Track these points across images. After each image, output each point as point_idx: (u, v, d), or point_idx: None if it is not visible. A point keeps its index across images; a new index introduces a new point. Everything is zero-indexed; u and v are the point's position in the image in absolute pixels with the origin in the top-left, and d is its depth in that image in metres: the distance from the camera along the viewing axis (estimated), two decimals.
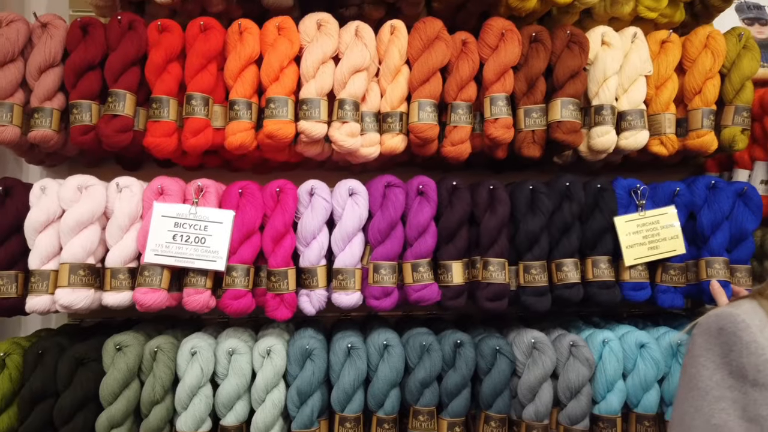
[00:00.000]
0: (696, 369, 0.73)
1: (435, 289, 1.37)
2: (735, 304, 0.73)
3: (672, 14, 1.57)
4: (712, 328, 0.72)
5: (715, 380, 0.70)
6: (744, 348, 0.69)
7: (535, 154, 1.42)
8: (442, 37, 1.40)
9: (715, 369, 0.71)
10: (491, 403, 1.37)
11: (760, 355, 0.67)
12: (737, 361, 0.69)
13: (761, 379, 0.67)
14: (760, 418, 0.66)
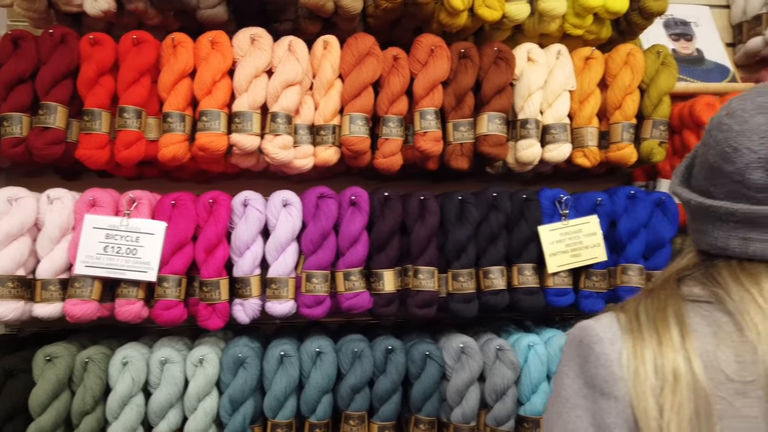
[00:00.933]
0: (560, 378, 0.77)
1: (366, 297, 1.41)
2: (597, 318, 0.77)
3: (598, 31, 1.64)
4: (575, 340, 0.77)
5: (574, 389, 0.75)
6: (596, 360, 0.73)
7: (463, 166, 1.47)
8: (374, 52, 1.45)
9: (575, 378, 0.75)
10: (421, 407, 1.42)
11: (607, 367, 0.71)
12: (590, 372, 0.73)
13: (607, 389, 0.71)
14: (605, 425, 0.70)
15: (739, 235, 0.73)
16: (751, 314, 0.68)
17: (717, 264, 0.76)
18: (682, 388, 0.67)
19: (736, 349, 0.69)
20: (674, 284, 0.78)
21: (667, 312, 0.73)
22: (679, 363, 0.68)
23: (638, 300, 0.78)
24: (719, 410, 0.67)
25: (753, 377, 0.67)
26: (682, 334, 0.70)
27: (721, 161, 0.74)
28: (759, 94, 0.74)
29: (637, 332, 0.72)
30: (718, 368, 0.68)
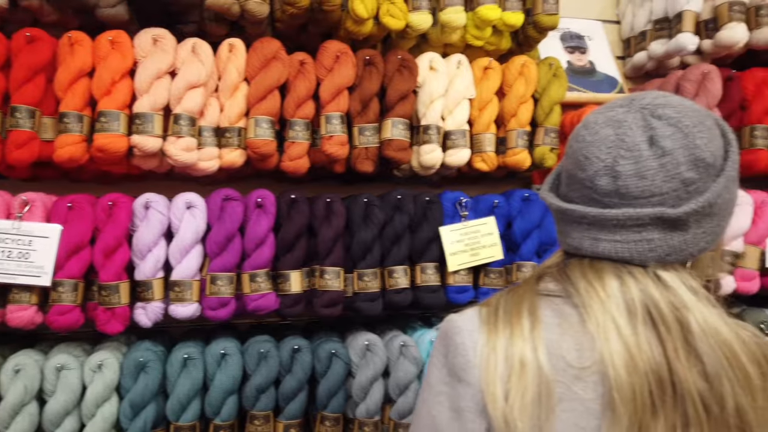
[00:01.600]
0: (429, 367, 0.84)
1: (272, 298, 1.43)
2: (463, 311, 0.84)
3: (498, 42, 1.73)
4: (442, 332, 0.83)
5: (439, 377, 0.81)
6: (455, 349, 0.78)
7: (368, 169, 1.52)
8: (280, 56, 1.47)
9: (440, 367, 0.81)
10: (327, 404, 1.45)
11: (464, 356, 0.77)
12: (451, 360, 0.79)
13: (463, 376, 0.76)
14: (460, 409, 0.77)
15: (590, 235, 0.80)
16: (594, 307, 0.76)
17: (571, 262, 0.83)
18: (528, 374, 0.73)
19: (577, 338, 0.76)
20: (534, 281, 0.85)
21: (523, 306, 0.80)
22: (526, 352, 0.75)
23: (501, 295, 0.85)
24: (559, 393, 0.73)
25: (589, 363, 0.74)
26: (532, 326, 0.77)
27: (576, 169, 0.81)
28: (609, 109, 0.81)
29: (493, 324, 0.79)
30: (561, 356, 0.75)
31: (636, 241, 0.78)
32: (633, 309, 0.75)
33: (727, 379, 0.72)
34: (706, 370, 0.72)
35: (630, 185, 0.76)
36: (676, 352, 0.72)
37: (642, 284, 0.77)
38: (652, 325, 0.75)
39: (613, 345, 0.73)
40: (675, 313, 0.74)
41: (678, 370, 0.71)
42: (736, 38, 1.75)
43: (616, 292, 0.77)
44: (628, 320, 0.75)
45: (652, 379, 0.72)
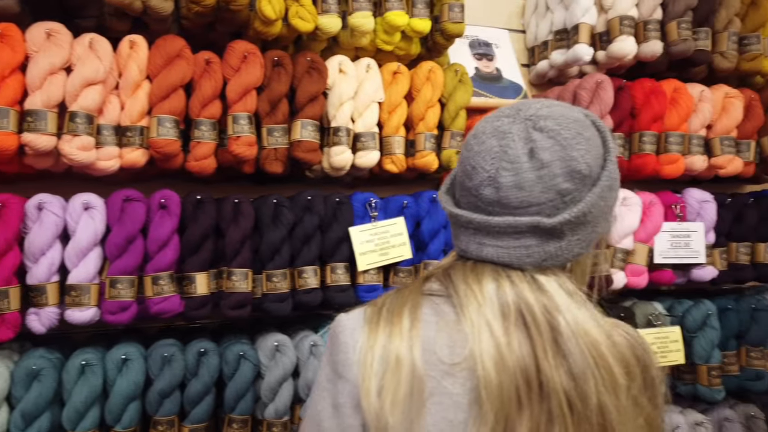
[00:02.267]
0: (321, 366, 0.87)
1: (176, 301, 1.41)
2: (350, 312, 0.87)
3: (408, 48, 1.78)
4: (331, 332, 0.86)
5: (326, 374, 0.84)
6: (338, 347, 0.82)
7: (277, 170, 1.52)
8: (184, 55, 1.45)
9: (327, 365, 0.84)
10: (235, 406, 1.44)
11: (345, 353, 0.81)
12: (334, 358, 0.83)
13: (343, 372, 0.80)
14: (339, 404, 0.80)
15: (476, 240, 0.84)
16: (469, 308, 0.80)
17: (456, 264, 0.88)
18: (402, 371, 0.76)
19: (452, 336, 0.80)
20: (421, 282, 0.89)
21: (405, 305, 0.83)
22: (402, 349, 0.78)
23: (388, 295, 0.88)
24: (430, 388, 0.77)
25: (459, 359, 0.78)
26: (412, 324, 0.80)
27: (464, 177, 0.85)
28: (497, 118, 0.84)
29: (375, 323, 0.82)
30: (434, 351, 0.79)
31: (515, 247, 0.82)
32: (507, 311, 0.79)
33: (592, 378, 0.76)
34: (572, 369, 0.76)
35: (510, 196, 0.80)
36: (545, 352, 0.76)
37: (518, 288, 0.81)
38: (524, 326, 0.78)
39: (485, 344, 0.77)
40: (546, 315, 0.78)
41: (545, 369, 0.76)
42: (626, 50, 1.88)
43: (492, 295, 0.80)
44: (501, 321, 0.78)
45: (519, 377, 0.76)
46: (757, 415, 1.93)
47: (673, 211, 1.94)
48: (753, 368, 1.98)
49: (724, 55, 2.01)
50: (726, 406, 1.96)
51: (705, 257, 1.93)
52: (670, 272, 1.94)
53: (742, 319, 1.98)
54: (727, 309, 1.97)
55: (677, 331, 1.88)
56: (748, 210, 2.04)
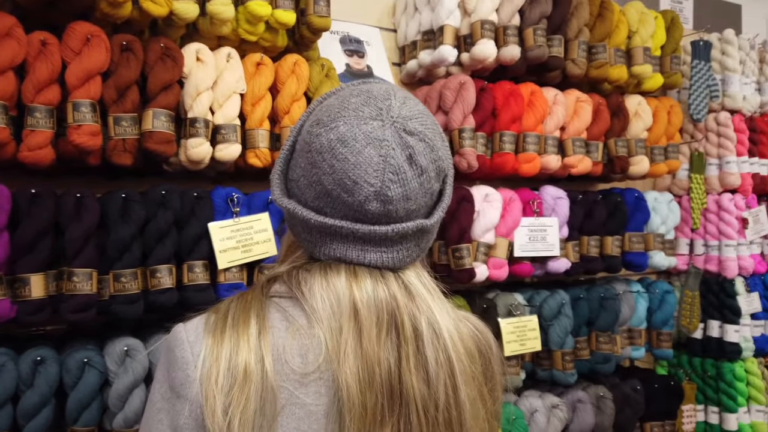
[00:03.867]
0: (154, 382, 0.79)
1: (6, 306, 1.27)
2: (188, 321, 0.80)
3: (273, 39, 1.74)
4: (166, 344, 0.78)
5: (161, 392, 0.76)
6: (175, 363, 0.75)
7: (126, 162, 1.43)
8: (14, 34, 1.31)
9: (162, 382, 0.77)
10: (78, 417, 1.33)
11: (184, 370, 0.74)
12: (171, 375, 0.75)
13: (182, 391, 0.74)
14: (179, 426, 0.73)
15: (357, 247, 0.80)
16: (327, 313, 0.76)
17: (309, 265, 0.82)
18: (251, 384, 0.71)
19: (303, 342, 0.76)
20: (264, 283, 0.84)
21: (251, 311, 0.77)
22: (251, 361, 0.73)
23: (231, 300, 0.82)
24: (283, 399, 0.73)
25: (312, 369, 0.75)
26: (260, 332, 0.75)
27: (340, 191, 0.77)
28: (362, 121, 0.77)
29: (219, 333, 0.75)
30: (285, 361, 0.75)
31: (398, 250, 0.81)
32: (378, 318, 0.76)
33: (443, 382, 0.77)
34: (428, 375, 0.76)
35: (399, 208, 0.78)
36: (408, 362, 0.75)
37: (391, 291, 0.79)
38: (396, 335, 0.77)
39: (348, 359, 0.74)
40: (413, 321, 0.77)
41: (406, 379, 0.75)
42: (487, 53, 1.97)
43: (358, 299, 0.77)
44: (373, 330, 0.75)
45: (385, 392, 0.74)
46: (606, 395, 2.10)
47: (531, 207, 2.06)
48: (602, 352, 2.15)
49: (575, 62, 2.16)
50: (579, 389, 2.11)
51: (559, 250, 2.07)
52: (529, 265, 2.06)
53: (592, 307, 2.15)
54: (579, 298, 2.13)
55: (535, 319, 2.00)
56: (597, 206, 2.22)
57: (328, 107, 0.83)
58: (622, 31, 2.28)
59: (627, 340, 2.30)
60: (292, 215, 0.83)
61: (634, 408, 2.19)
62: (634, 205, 2.30)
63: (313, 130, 0.82)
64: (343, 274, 0.80)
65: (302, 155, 0.83)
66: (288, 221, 0.88)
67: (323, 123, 0.81)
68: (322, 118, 0.82)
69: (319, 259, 0.83)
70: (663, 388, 2.31)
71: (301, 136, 0.86)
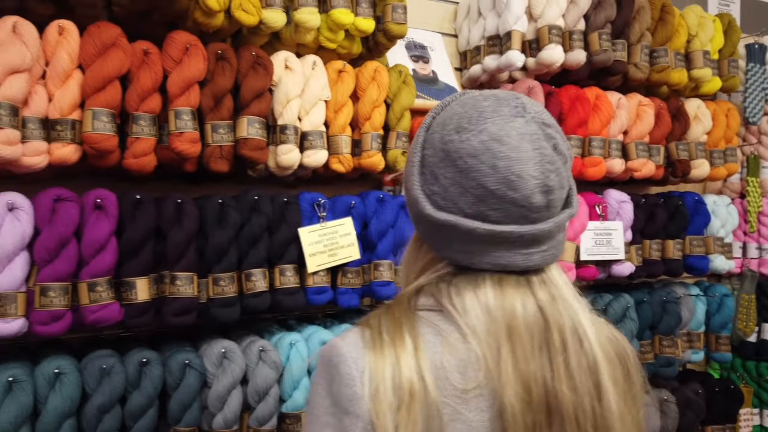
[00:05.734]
0: (312, 396, 0.80)
1: (116, 309, 1.30)
2: (344, 335, 0.81)
3: (350, 46, 1.77)
4: (324, 359, 0.79)
5: (324, 407, 0.77)
6: (340, 379, 0.75)
7: (223, 169, 1.46)
8: (120, 44, 1.35)
9: (325, 396, 0.77)
10: (180, 418, 1.36)
11: (351, 387, 0.74)
12: (336, 390, 0.76)
13: (351, 408, 0.74)
14: None
15: (521, 252, 0.79)
16: (476, 327, 0.76)
17: (456, 277, 0.82)
18: (416, 402, 0.72)
19: (460, 358, 0.76)
20: (410, 296, 0.83)
21: (403, 325, 0.78)
22: (413, 378, 0.73)
23: (380, 314, 0.82)
24: (447, 416, 0.73)
25: (473, 385, 0.75)
26: (416, 348, 0.75)
27: (506, 188, 0.77)
28: (506, 120, 0.78)
29: (379, 349, 0.76)
30: (445, 377, 0.75)
31: (552, 246, 0.82)
32: (532, 333, 0.77)
33: (587, 386, 0.77)
34: (576, 382, 0.77)
35: (557, 197, 0.80)
36: (559, 373, 0.76)
37: (539, 301, 0.79)
38: (546, 348, 0.77)
39: (511, 379, 0.74)
40: (561, 331, 0.78)
41: (559, 391, 0.75)
42: (555, 58, 1.98)
43: (520, 317, 0.77)
44: (530, 349, 0.76)
45: (542, 408, 0.75)
46: (669, 399, 2.10)
47: (596, 211, 2.07)
48: (665, 356, 2.16)
49: (637, 66, 2.17)
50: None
51: (624, 254, 2.08)
52: (594, 268, 2.07)
53: (655, 311, 2.16)
54: (643, 302, 2.13)
55: None
56: (659, 210, 2.22)
57: (459, 115, 0.82)
58: (682, 35, 2.28)
59: (686, 343, 2.30)
60: (450, 228, 0.80)
61: (696, 412, 2.19)
62: (693, 208, 2.30)
63: (455, 137, 0.81)
64: (490, 286, 0.80)
65: (444, 165, 0.81)
66: (429, 234, 0.85)
67: (466, 128, 0.80)
68: (462, 124, 0.81)
69: (468, 268, 0.82)
70: (723, 391, 2.31)
71: (431, 149, 0.83)
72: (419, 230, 0.87)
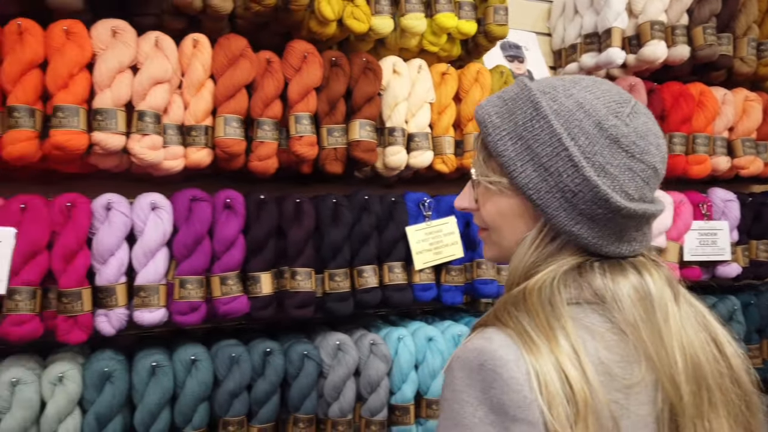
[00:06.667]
0: (459, 405, 0.73)
1: (244, 301, 1.40)
2: (487, 338, 0.75)
3: (450, 49, 1.80)
4: (473, 364, 0.73)
5: (479, 417, 0.71)
6: (504, 385, 0.70)
7: (337, 170, 1.53)
8: (247, 54, 1.44)
9: (478, 405, 0.71)
10: (300, 406, 1.44)
11: (519, 392, 0.69)
12: (498, 398, 0.70)
13: (520, 414, 0.69)
14: None
15: (648, 233, 0.85)
16: (628, 316, 0.76)
17: (594, 265, 0.80)
18: (587, 403, 0.69)
19: (616, 352, 0.75)
20: (545, 289, 0.78)
21: (550, 322, 0.74)
22: (578, 377, 0.70)
23: (511, 312, 0.78)
24: (616, 412, 0.71)
25: (638, 379, 0.73)
26: (573, 347, 0.72)
27: (662, 166, 0.81)
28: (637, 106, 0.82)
29: (535, 349, 0.71)
30: (607, 373, 0.73)
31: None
32: (672, 310, 0.77)
33: (711, 350, 0.80)
34: (705, 351, 0.79)
35: None
36: (705, 344, 0.78)
37: (666, 277, 0.81)
38: (685, 322, 0.78)
39: (673, 363, 0.74)
40: (688, 302, 0.81)
41: (703, 364, 0.77)
42: (658, 54, 1.94)
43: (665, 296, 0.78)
44: (680, 325, 0.77)
45: (699, 382, 0.75)
46: None
47: (700, 210, 2.01)
48: None
49: (744, 60, 2.09)
50: None
51: (730, 254, 2.01)
52: (698, 269, 2.01)
53: (763, 314, 2.07)
54: (750, 304, 2.05)
55: None
56: (766, 209, 2.13)
57: (602, 100, 0.80)
58: None
59: None
60: (636, 214, 0.79)
61: None
62: None
63: (617, 122, 0.79)
64: (635, 271, 0.80)
65: (612, 152, 0.78)
66: (580, 223, 0.80)
67: (622, 111, 0.79)
68: (614, 108, 0.79)
69: (604, 255, 0.81)
70: None
71: (585, 136, 0.78)
72: (564, 221, 0.80)
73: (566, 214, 0.79)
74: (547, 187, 0.80)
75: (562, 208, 0.79)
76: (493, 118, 0.85)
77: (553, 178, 0.79)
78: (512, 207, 0.85)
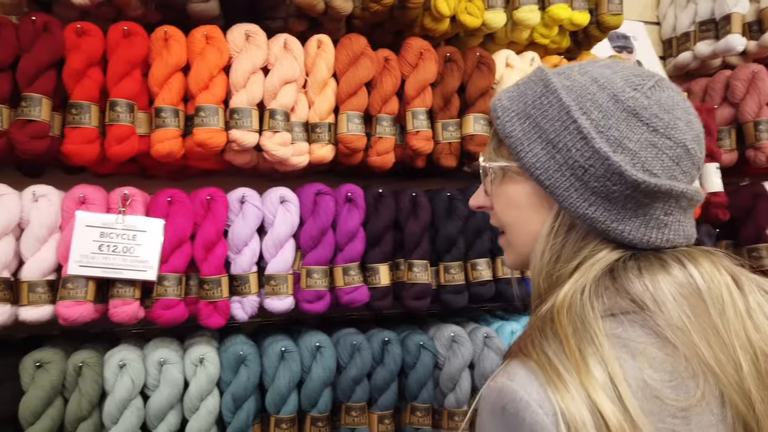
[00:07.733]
0: None
1: (365, 291, 1.45)
2: (510, 375, 0.67)
3: (560, 41, 1.78)
4: (496, 408, 0.66)
5: None
6: (528, 429, 0.63)
7: (452, 164, 1.55)
8: (367, 53, 1.49)
9: None
10: (417, 395, 1.48)
11: None
12: None
13: None
14: None
15: (692, 221, 0.78)
16: (677, 324, 0.66)
17: (628, 266, 0.71)
18: None
19: (666, 370, 0.65)
20: (573, 304, 0.70)
21: (576, 346, 0.66)
22: (614, 412, 0.61)
23: (535, 336, 0.70)
24: None
25: (696, 399, 0.64)
26: (607, 373, 0.63)
27: (697, 147, 0.74)
28: (674, 90, 0.76)
29: (560, 384, 0.63)
30: (656, 397, 0.63)
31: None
32: (726, 309, 0.68)
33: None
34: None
35: None
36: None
37: (723, 268, 0.72)
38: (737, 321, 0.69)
39: (732, 373, 0.64)
40: (745, 297, 0.71)
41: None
42: None
43: (723, 292, 0.68)
44: (738, 326, 0.67)
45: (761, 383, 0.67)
46: None
47: None
48: None
49: None
50: None
51: None
52: None
53: None
54: None
55: None
56: None
57: (621, 75, 0.75)
58: None
59: None
60: (672, 194, 0.72)
61: None
62: None
63: (635, 94, 0.72)
64: (674, 263, 0.70)
65: (629, 127, 0.71)
66: (610, 209, 0.72)
67: (643, 84, 0.73)
68: (634, 81, 0.73)
69: (642, 249, 0.73)
70: None
71: (599, 111, 0.72)
72: (577, 201, 0.73)
73: (578, 194, 0.73)
74: (556, 165, 0.74)
75: (573, 187, 0.73)
76: (503, 101, 0.81)
77: (561, 155, 0.73)
78: (523, 195, 0.79)
